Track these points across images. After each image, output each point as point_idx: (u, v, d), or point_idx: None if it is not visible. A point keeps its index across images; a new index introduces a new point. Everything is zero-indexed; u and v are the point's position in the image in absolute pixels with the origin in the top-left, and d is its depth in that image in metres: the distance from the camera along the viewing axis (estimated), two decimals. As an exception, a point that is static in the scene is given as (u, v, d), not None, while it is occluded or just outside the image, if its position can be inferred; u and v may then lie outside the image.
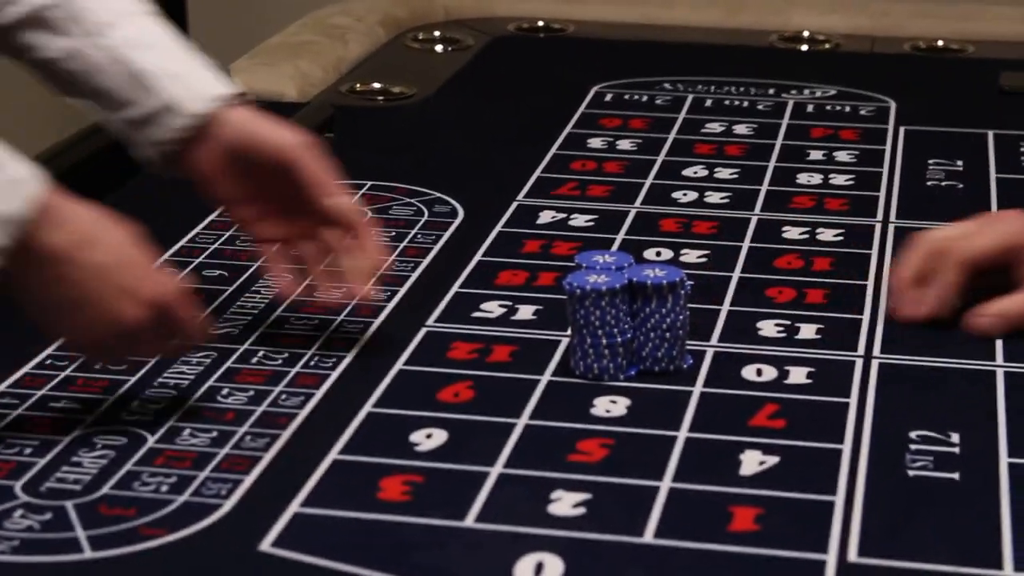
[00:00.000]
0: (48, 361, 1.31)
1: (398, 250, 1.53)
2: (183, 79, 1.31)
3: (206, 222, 1.60)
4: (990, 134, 1.86)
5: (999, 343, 1.35)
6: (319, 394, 1.27)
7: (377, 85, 2.02)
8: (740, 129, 1.89)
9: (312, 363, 1.32)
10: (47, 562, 1.05)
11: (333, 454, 1.18)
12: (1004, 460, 1.17)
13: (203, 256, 1.53)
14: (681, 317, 1.29)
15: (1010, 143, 1.83)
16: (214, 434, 1.20)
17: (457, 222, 1.61)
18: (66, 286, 1.14)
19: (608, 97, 1.99)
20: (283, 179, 1.32)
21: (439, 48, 2.21)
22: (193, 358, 1.32)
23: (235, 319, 1.39)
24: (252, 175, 1.32)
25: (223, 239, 1.56)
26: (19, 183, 1.12)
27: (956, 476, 1.15)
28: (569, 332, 1.30)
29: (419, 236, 1.57)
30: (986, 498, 1.12)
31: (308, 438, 1.20)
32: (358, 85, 2.02)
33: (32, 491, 1.13)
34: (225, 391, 1.27)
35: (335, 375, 1.30)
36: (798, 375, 1.30)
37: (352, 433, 1.21)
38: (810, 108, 1.96)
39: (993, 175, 1.74)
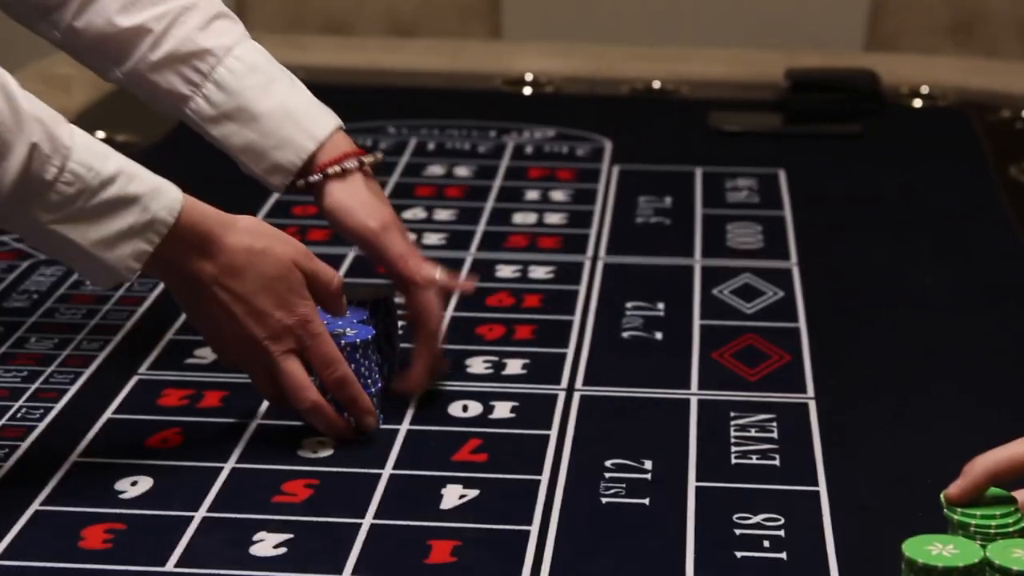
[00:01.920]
0: None
1: (114, 299, 1.53)
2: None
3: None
4: (698, 171, 1.91)
5: (694, 372, 1.40)
6: (24, 446, 1.26)
7: (101, 134, 2.00)
8: (461, 171, 1.92)
9: (19, 415, 1.31)
10: None
11: (35, 505, 1.17)
12: (692, 484, 1.21)
13: (-86, 311, 1.51)
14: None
15: (716, 180, 1.89)
16: (-86, 489, 1.19)
17: (175, 269, 1.61)
18: (195, 303, 1.24)
19: (332, 142, 2.00)
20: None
21: (167, 96, 2.20)
22: None
23: (-57, 373, 1.38)
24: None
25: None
26: (162, 192, 1.20)
27: (647, 501, 1.19)
28: None
29: (135, 285, 1.56)
30: (673, 521, 1.16)
31: (10, 490, 1.19)
32: (82, 135, 2.00)
33: None
34: (-72, 446, 1.26)
35: (42, 426, 1.29)
36: (503, 409, 1.33)
37: (56, 483, 1.20)
38: (529, 149, 1.99)
39: (699, 211, 1.80)
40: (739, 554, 1.12)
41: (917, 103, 2.20)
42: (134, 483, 1.21)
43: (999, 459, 1.07)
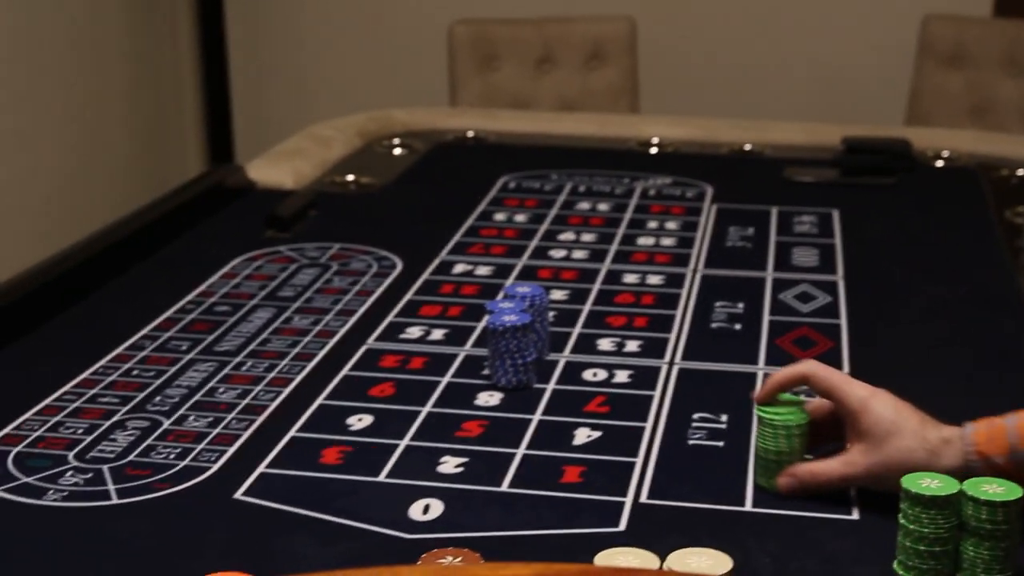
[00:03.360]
0: (100, 369, 1.34)
1: (353, 292, 1.57)
2: None
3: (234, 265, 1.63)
4: (774, 210, 1.90)
5: (762, 354, 1.39)
6: (287, 391, 1.30)
7: (351, 177, 2.05)
8: (602, 207, 1.92)
9: (284, 370, 1.35)
10: (86, 506, 1.08)
11: (291, 433, 1.21)
12: (755, 432, 1.20)
13: (216, 297, 1.55)
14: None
15: (786, 216, 1.87)
16: (210, 419, 1.23)
17: (396, 272, 1.64)
18: None
19: (512, 185, 2.02)
20: None
21: (397, 151, 2.24)
22: (202, 366, 1.35)
23: (234, 340, 1.42)
24: None
25: (232, 284, 1.59)
26: None
27: (721, 444, 1.19)
28: (490, 357, 1.31)
29: (368, 282, 1.60)
30: (740, 458, 1.16)
31: (276, 422, 1.23)
32: (337, 177, 2.05)
33: (80, 458, 1.16)
34: (222, 389, 1.30)
35: (299, 378, 1.33)
36: (622, 376, 1.34)
37: (306, 418, 1.24)
38: (652, 192, 1.99)
39: (773, 238, 1.78)
40: (785, 484, 1.12)
41: (939, 163, 2.15)
42: (360, 419, 1.24)
43: (784, 374, 1.11)
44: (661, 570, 0.92)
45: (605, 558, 0.93)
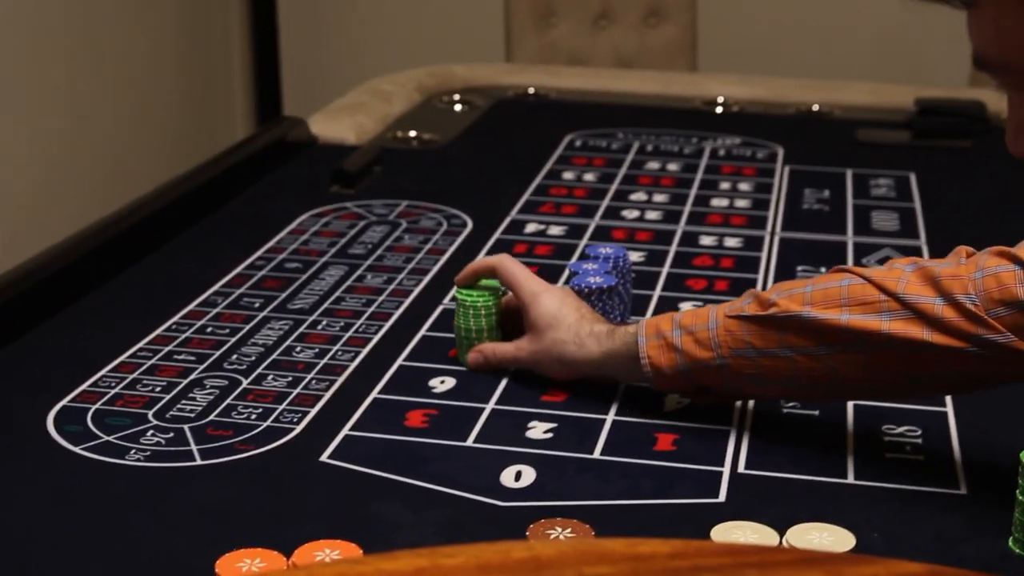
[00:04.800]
0: (174, 325, 1.31)
1: (424, 250, 1.53)
2: None
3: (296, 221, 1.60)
4: (848, 172, 1.85)
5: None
6: (365, 351, 1.26)
7: (413, 133, 2.01)
8: (671, 166, 1.88)
9: (361, 329, 1.31)
10: (169, 466, 1.05)
11: (373, 394, 1.18)
12: (850, 403, 1.17)
13: (286, 253, 1.52)
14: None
15: (862, 179, 1.82)
16: (289, 379, 1.20)
17: (467, 231, 1.60)
18: None
19: (578, 143, 1.99)
20: None
21: (458, 107, 2.20)
22: (276, 324, 1.32)
23: (307, 298, 1.39)
24: None
25: (301, 240, 1.56)
26: None
27: (816, 413, 1.15)
28: None
29: (439, 240, 1.56)
30: (838, 429, 1.12)
31: (356, 383, 1.20)
32: (399, 133, 2.01)
33: (160, 417, 1.13)
34: (298, 348, 1.27)
35: (377, 338, 1.30)
36: (706, 341, 1.30)
37: (387, 379, 1.21)
38: (721, 152, 1.95)
39: (849, 201, 1.74)
40: (888, 455, 1.08)
41: (1014, 126, 2.09)
42: (442, 382, 1.20)
43: (478, 262, 1.23)
44: (785, 548, 0.89)
45: (722, 532, 0.90)
